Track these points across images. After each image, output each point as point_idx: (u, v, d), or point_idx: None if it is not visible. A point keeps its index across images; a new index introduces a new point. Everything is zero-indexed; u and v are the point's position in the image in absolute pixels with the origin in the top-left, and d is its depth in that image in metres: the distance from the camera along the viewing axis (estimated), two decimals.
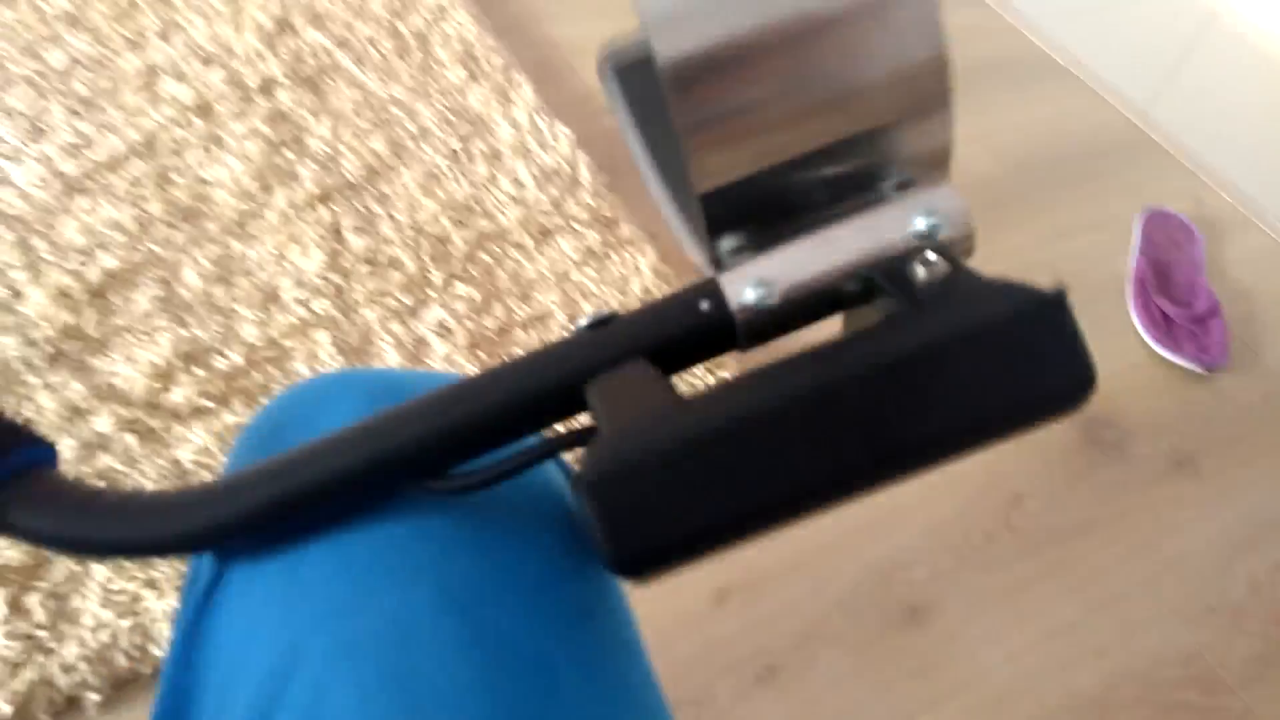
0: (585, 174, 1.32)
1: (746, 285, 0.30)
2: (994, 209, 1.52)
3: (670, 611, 0.96)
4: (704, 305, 0.30)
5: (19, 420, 0.32)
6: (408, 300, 1.11)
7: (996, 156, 1.62)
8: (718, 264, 0.31)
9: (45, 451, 0.32)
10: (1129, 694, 0.99)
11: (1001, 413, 0.27)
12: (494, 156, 1.31)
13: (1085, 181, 1.64)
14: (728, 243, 0.31)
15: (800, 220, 0.31)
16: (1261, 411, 1.32)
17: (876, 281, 0.30)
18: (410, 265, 1.14)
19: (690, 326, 0.31)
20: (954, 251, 0.30)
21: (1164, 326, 1.37)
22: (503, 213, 1.24)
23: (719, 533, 0.27)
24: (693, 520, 0.26)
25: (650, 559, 0.26)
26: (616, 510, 0.26)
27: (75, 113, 1.20)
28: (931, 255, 0.29)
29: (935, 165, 0.30)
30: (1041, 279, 0.28)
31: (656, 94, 0.26)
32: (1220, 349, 1.35)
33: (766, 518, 0.27)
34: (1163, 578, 1.10)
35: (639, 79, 0.37)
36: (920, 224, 0.30)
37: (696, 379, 1.08)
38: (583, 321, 0.32)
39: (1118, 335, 1.38)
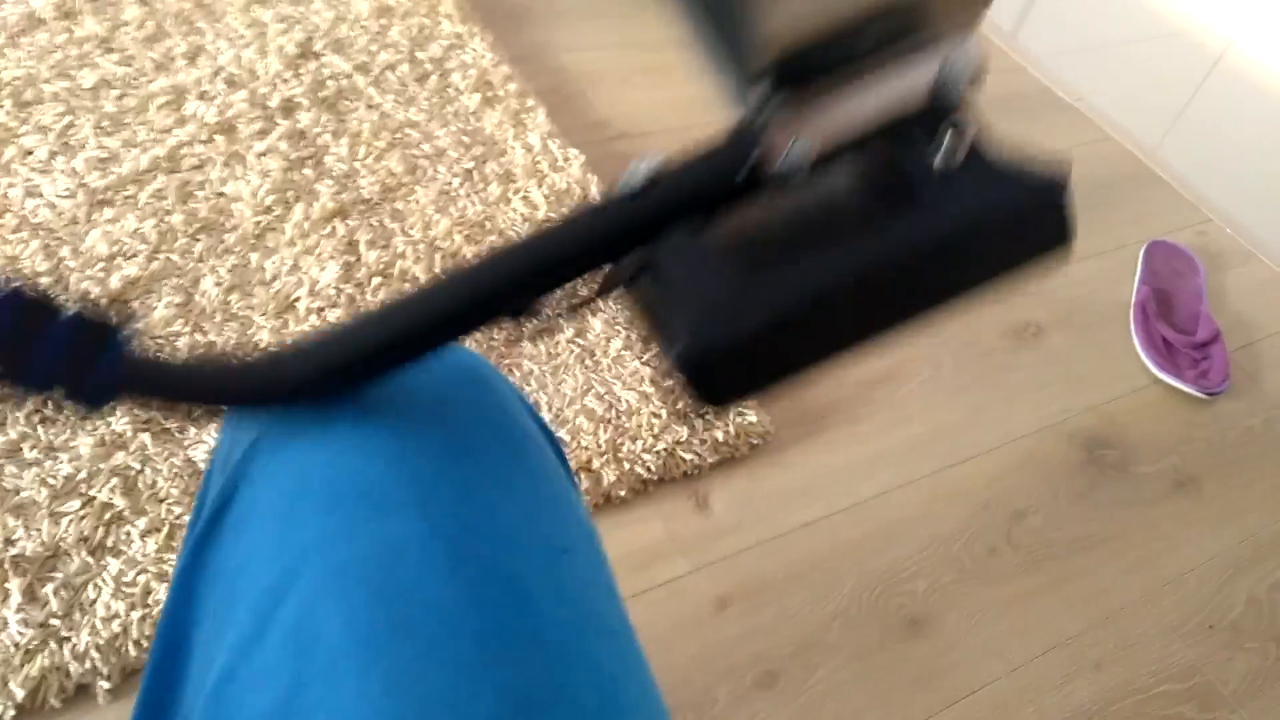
0: (595, 195, 1.35)
1: (787, 144, 0.33)
2: None
3: (671, 616, 0.97)
4: (747, 164, 0.34)
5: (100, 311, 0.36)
6: None
7: None
8: (755, 119, 0.34)
9: (125, 336, 0.35)
10: (1127, 708, 1.00)
11: (1007, 266, 0.35)
12: (507, 177, 1.34)
13: (1090, 212, 1.67)
14: (770, 97, 0.34)
15: (833, 77, 0.34)
16: (1261, 436, 1.33)
17: (906, 141, 0.35)
18: (422, 277, 1.17)
19: (735, 184, 0.35)
20: (970, 85, 0.34)
21: (1166, 352, 1.39)
22: (514, 230, 1.27)
23: (778, 377, 0.35)
24: (761, 375, 0.35)
25: (727, 397, 0.35)
26: (703, 374, 0.34)
27: (103, 129, 1.24)
28: (952, 144, 0.34)
29: (964, 22, 0.34)
30: (1047, 306, 0.32)
31: None
32: (1221, 375, 1.36)
33: (812, 364, 0.35)
34: (1162, 594, 1.11)
35: None
36: (936, 80, 0.34)
37: None
38: (631, 180, 0.35)
39: (1120, 360, 1.39)
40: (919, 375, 1.26)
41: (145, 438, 0.96)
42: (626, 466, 1.06)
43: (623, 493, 1.05)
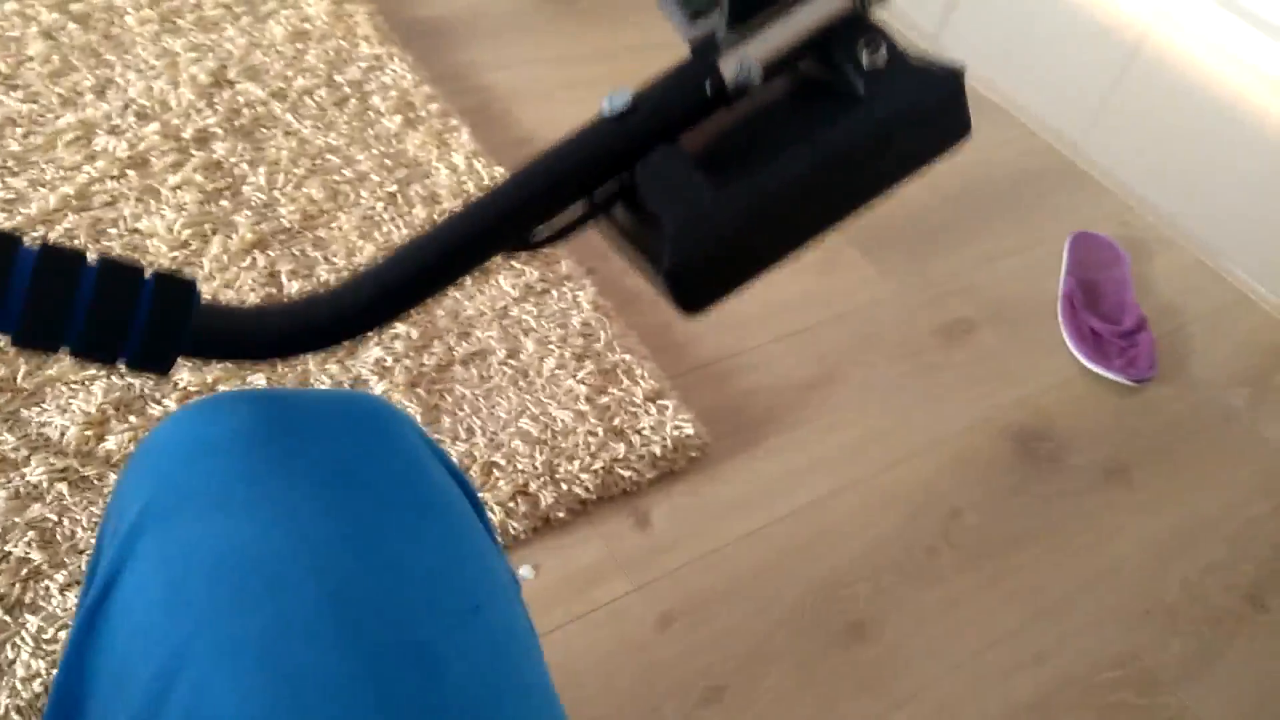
0: None
1: (738, 65, 0.39)
2: (929, 237, 1.56)
3: (613, 637, 0.96)
4: (708, 86, 0.40)
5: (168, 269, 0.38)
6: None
7: (930, 189, 1.67)
8: (706, 42, 0.40)
9: (195, 286, 0.36)
10: (1069, 698, 1.01)
11: (926, 155, 0.42)
12: (432, 199, 1.33)
13: (1015, 208, 1.69)
14: (715, 25, 0.40)
15: (775, 8, 0.40)
16: (1189, 421, 1.36)
17: (835, 58, 0.41)
18: None
19: (699, 104, 0.40)
20: (881, 3, 0.41)
21: (1093, 342, 1.41)
22: None
23: (753, 273, 0.41)
24: (733, 273, 0.41)
25: (709, 302, 0.41)
26: (687, 284, 0.40)
27: (8, 169, 1.20)
28: (876, 43, 0.40)
29: None
30: (976, 302, 0.32)
31: None
32: (1148, 362, 1.39)
33: (781, 256, 0.41)
34: (1099, 584, 1.12)
35: None
36: None
37: None
38: (609, 107, 0.40)
39: (1049, 353, 1.41)
40: (852, 379, 1.27)
41: (62, 487, 0.93)
42: (564, 487, 1.05)
43: (561, 514, 1.04)
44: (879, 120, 0.40)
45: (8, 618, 0.84)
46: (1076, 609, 1.10)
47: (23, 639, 0.83)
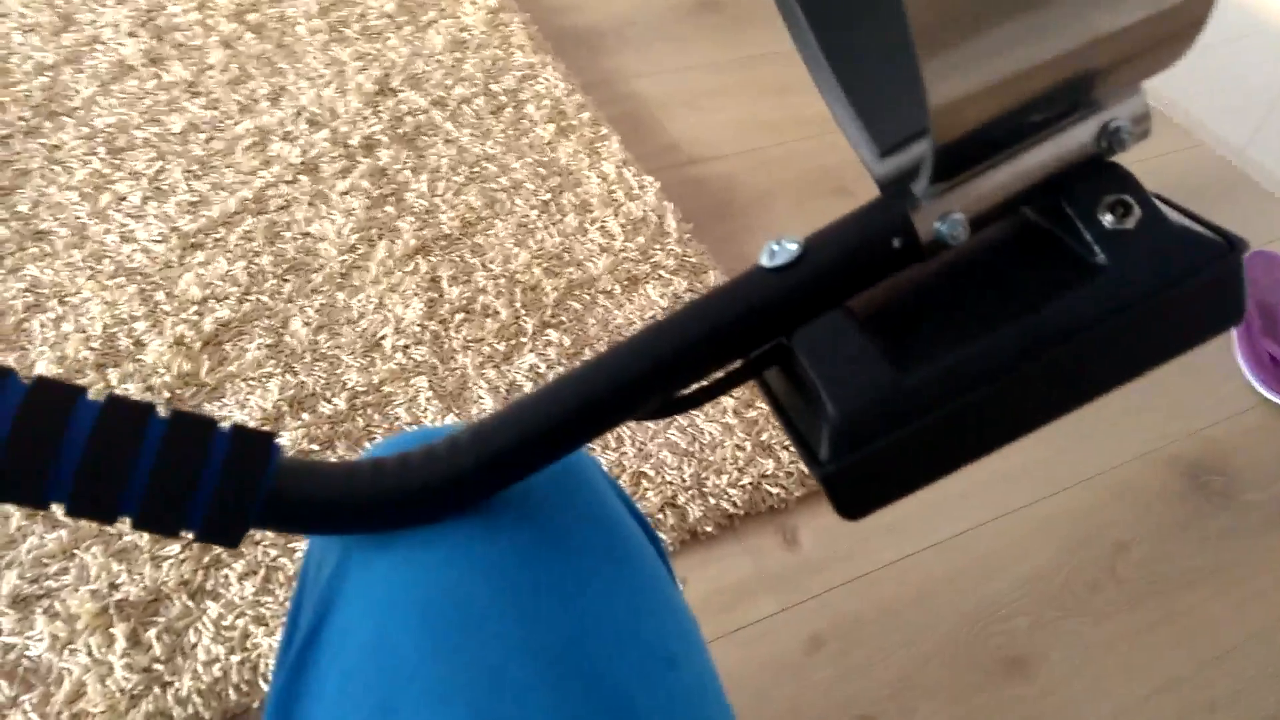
0: (671, 222, 1.34)
1: (938, 221, 0.31)
2: None
3: (762, 658, 0.95)
4: (896, 243, 0.31)
5: (243, 424, 0.33)
6: (501, 346, 1.15)
7: None
8: (899, 185, 0.32)
9: (278, 447, 0.33)
10: None
11: (1175, 347, 0.32)
12: (583, 207, 1.34)
13: None
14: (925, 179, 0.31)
15: (994, 158, 0.31)
16: None
17: (1064, 207, 0.31)
18: (504, 313, 1.18)
19: (882, 263, 0.32)
20: (1130, 142, 0.32)
21: (1272, 369, 1.33)
22: (592, 261, 1.27)
23: (929, 479, 0.32)
24: (908, 477, 0.32)
25: (871, 509, 0.32)
26: (848, 487, 0.31)
27: (192, 173, 1.27)
28: (1125, 203, 0.31)
29: (1132, 81, 0.31)
30: None
31: None
32: None
33: (968, 461, 0.32)
34: (1275, 630, 1.05)
35: None
36: (1101, 134, 0.31)
37: None
38: (766, 260, 0.32)
39: (1224, 380, 1.33)
40: None
41: None
42: (712, 501, 1.05)
43: (709, 528, 1.03)
44: (1123, 300, 0.30)
45: (191, 603, 0.89)
46: (1252, 657, 1.03)
47: (204, 624, 0.88)
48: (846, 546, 1.05)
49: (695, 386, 0.35)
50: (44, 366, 1.02)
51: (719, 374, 0.34)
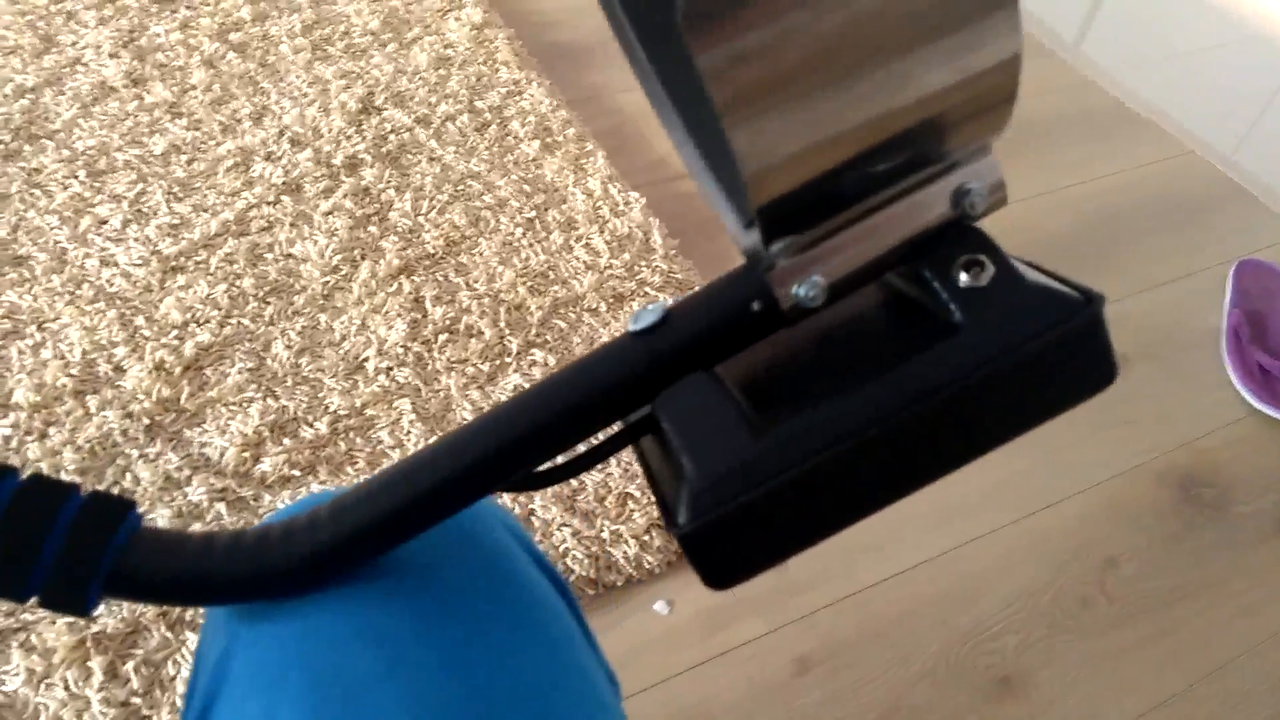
0: (657, 239, 1.34)
1: (795, 285, 0.31)
2: (1075, 264, 1.49)
3: (751, 681, 0.94)
4: (755, 306, 0.32)
5: (105, 490, 0.33)
6: (485, 367, 1.14)
7: (1075, 210, 1.59)
8: (761, 256, 0.32)
9: (135, 516, 0.33)
10: None
11: (1040, 409, 0.31)
12: (569, 225, 1.34)
13: (1171, 232, 1.60)
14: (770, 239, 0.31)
15: (844, 210, 0.31)
16: None
17: (921, 270, 0.31)
18: (488, 333, 1.17)
19: (742, 327, 0.32)
20: (987, 212, 0.31)
21: (1261, 380, 1.32)
22: (577, 279, 1.26)
23: (795, 548, 0.31)
24: (773, 544, 0.31)
25: (736, 579, 0.31)
26: (708, 552, 0.30)
27: (173, 195, 1.27)
28: (978, 261, 0.30)
29: (983, 142, 0.31)
30: (1131, 335, 0.28)
31: (671, 23, 0.25)
32: None
33: (835, 529, 0.31)
34: (1270, 646, 1.04)
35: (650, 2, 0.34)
36: (955, 198, 0.31)
37: None
38: (635, 325, 0.33)
39: (1213, 390, 1.33)
40: None
41: (221, 507, 0.97)
42: None
43: None
44: (980, 355, 0.29)
45: (170, 634, 0.88)
46: (1245, 672, 1.02)
47: (183, 655, 0.87)
48: (833, 567, 1.04)
49: (575, 453, 0.34)
50: (21, 394, 1.01)
51: (596, 440, 0.34)
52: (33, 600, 0.31)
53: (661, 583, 1.01)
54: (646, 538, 1.02)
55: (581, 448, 0.36)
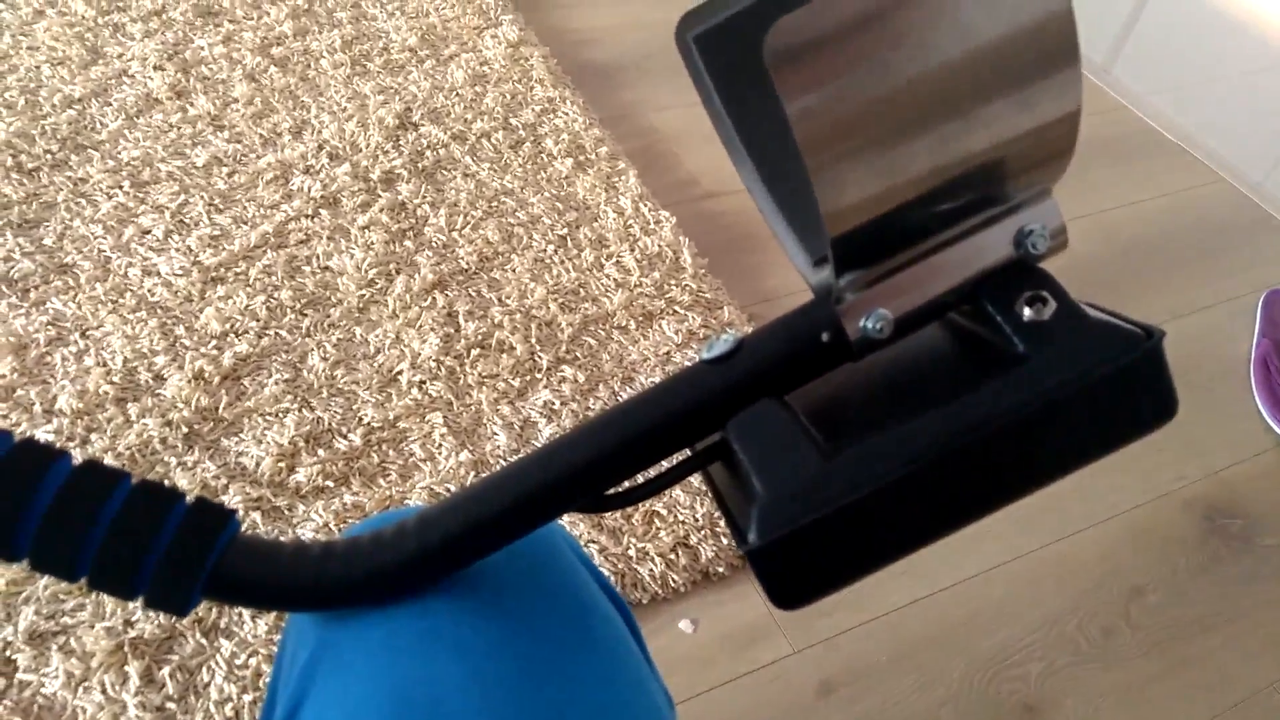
0: (687, 258, 1.35)
1: (863, 319, 0.32)
2: (1105, 289, 1.49)
3: (774, 702, 0.95)
4: (824, 337, 0.33)
5: (206, 497, 0.35)
6: (516, 383, 1.15)
7: (1106, 236, 1.60)
8: (832, 288, 0.33)
9: (235, 523, 0.35)
10: None
11: (1103, 441, 0.32)
12: (600, 242, 1.35)
13: (1200, 260, 1.60)
14: (840, 274, 0.33)
15: (912, 247, 0.32)
16: None
17: (985, 305, 0.33)
18: (519, 349, 1.18)
19: (812, 357, 0.34)
20: (1049, 254, 0.33)
21: None
22: (607, 297, 1.28)
23: (862, 570, 0.32)
24: (840, 565, 0.32)
25: (804, 599, 0.32)
26: (777, 570, 0.31)
27: (214, 206, 1.29)
28: (1041, 297, 0.32)
29: (1044, 186, 0.32)
30: None
31: (754, 69, 0.28)
32: None
33: (901, 553, 0.32)
34: None
35: (730, 48, 0.36)
36: (1018, 239, 0.32)
37: None
38: (708, 354, 0.34)
39: (1241, 421, 1.32)
40: None
41: (256, 516, 0.98)
42: (725, 541, 1.05)
43: (721, 569, 1.03)
44: (1044, 387, 0.30)
45: (204, 641, 0.90)
46: (1268, 707, 1.02)
47: (217, 663, 0.89)
48: (858, 590, 1.04)
49: (643, 479, 0.36)
50: (65, 401, 1.03)
51: (666, 466, 0.35)
52: (138, 600, 0.32)
53: (687, 601, 1.02)
54: (673, 556, 1.03)
55: (652, 473, 0.37)
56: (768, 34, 0.25)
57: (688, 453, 0.36)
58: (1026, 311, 0.31)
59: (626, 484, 0.36)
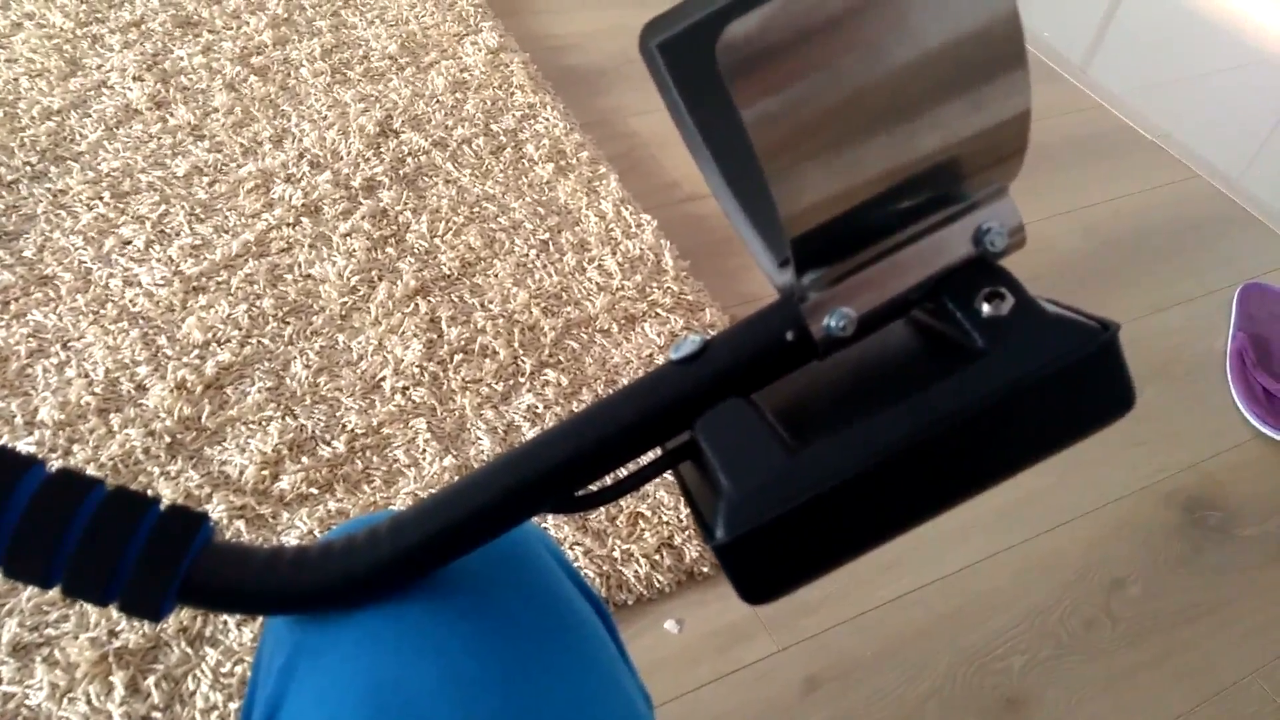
0: (669, 260, 1.36)
1: (827, 317, 0.33)
2: (1083, 285, 1.50)
3: (759, 700, 0.96)
4: (789, 336, 0.34)
5: (181, 503, 0.36)
6: (499, 387, 1.16)
7: (1085, 232, 1.61)
8: (795, 288, 0.34)
9: (209, 528, 0.35)
10: None
11: (1062, 433, 0.32)
12: (581, 247, 1.36)
13: (1178, 255, 1.61)
14: (802, 273, 0.33)
15: (872, 245, 0.33)
16: None
17: (945, 302, 0.33)
18: (502, 353, 1.19)
19: (777, 355, 0.35)
20: (1008, 251, 0.34)
21: (1266, 403, 1.33)
22: (590, 300, 1.28)
23: (829, 564, 0.33)
24: (807, 559, 0.32)
25: (773, 594, 0.33)
26: (745, 565, 0.32)
27: (195, 216, 1.29)
28: (999, 293, 0.32)
29: (1000, 185, 0.33)
30: (1138, 357, 0.30)
31: (715, 76, 0.27)
32: None
33: (868, 547, 0.33)
34: (1275, 667, 1.05)
35: (693, 56, 0.37)
36: (976, 237, 0.33)
37: None
38: (676, 354, 0.35)
39: (1218, 413, 1.34)
40: None
41: (240, 524, 0.99)
42: None
43: (706, 569, 1.04)
44: (1003, 380, 0.31)
45: (189, 649, 0.90)
46: (1251, 694, 1.03)
47: (203, 671, 0.89)
48: (842, 586, 1.05)
49: (613, 480, 0.37)
50: (47, 412, 1.03)
51: (636, 466, 0.36)
52: (112, 605, 0.33)
53: (672, 602, 1.02)
54: (657, 557, 1.03)
55: (623, 473, 0.38)
56: (718, 41, 0.26)
57: (659, 452, 0.37)
58: (985, 308, 0.32)
59: (596, 485, 0.36)
